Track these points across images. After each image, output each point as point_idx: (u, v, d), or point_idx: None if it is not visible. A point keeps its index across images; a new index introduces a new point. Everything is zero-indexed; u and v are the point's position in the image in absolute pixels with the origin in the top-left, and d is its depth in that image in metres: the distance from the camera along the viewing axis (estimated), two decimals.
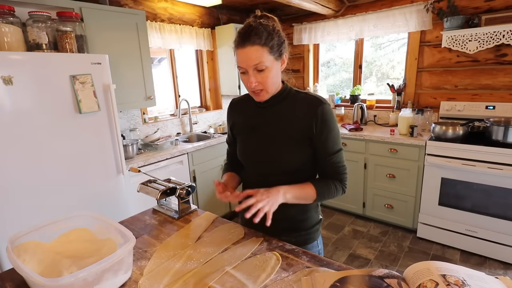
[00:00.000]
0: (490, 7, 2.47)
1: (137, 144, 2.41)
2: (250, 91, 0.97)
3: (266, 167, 1.03)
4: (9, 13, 1.61)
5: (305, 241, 1.09)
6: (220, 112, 3.61)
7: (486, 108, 2.56)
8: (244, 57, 0.89)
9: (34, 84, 1.56)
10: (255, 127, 1.05)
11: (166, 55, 3.15)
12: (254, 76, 0.91)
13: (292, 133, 0.98)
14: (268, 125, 1.02)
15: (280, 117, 1.00)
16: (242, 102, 1.13)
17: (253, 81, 0.92)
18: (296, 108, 0.99)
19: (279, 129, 1.00)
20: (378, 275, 0.73)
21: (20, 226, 1.55)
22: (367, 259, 2.40)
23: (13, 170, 1.53)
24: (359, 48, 3.36)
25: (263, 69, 0.90)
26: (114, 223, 0.92)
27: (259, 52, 0.88)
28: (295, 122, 0.98)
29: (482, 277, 0.66)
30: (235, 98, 1.17)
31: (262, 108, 1.04)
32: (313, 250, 1.10)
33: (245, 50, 0.89)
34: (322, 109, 0.95)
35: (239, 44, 0.90)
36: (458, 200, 2.36)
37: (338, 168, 1.00)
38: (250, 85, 0.92)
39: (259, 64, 0.89)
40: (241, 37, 0.90)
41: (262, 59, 0.89)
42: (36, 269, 0.81)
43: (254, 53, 0.88)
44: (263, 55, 0.89)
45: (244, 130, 1.09)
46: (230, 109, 1.17)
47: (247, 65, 0.90)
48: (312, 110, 0.96)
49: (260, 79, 0.92)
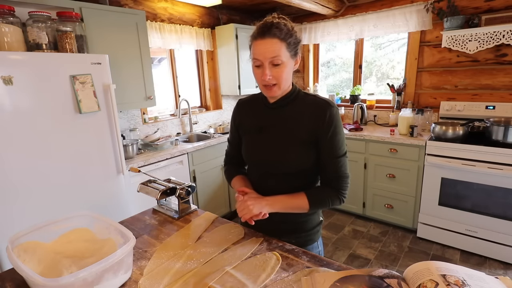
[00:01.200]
0: (490, 7, 2.47)
1: (137, 144, 2.41)
2: (262, 85, 0.97)
3: (269, 167, 1.03)
4: (9, 13, 1.61)
5: (305, 243, 1.09)
6: (220, 112, 3.61)
7: (486, 108, 2.56)
8: (263, 48, 0.90)
9: (34, 84, 1.56)
10: (262, 128, 1.04)
11: (166, 55, 3.14)
12: (269, 69, 0.91)
13: (299, 134, 0.98)
14: (276, 126, 1.02)
15: (288, 119, 1.00)
16: (250, 102, 1.13)
17: (268, 74, 0.91)
18: (304, 110, 0.99)
19: (286, 130, 1.00)
20: (378, 275, 0.73)
21: (20, 226, 1.55)
22: (367, 259, 2.40)
23: (13, 170, 1.53)
24: (359, 48, 3.36)
25: (279, 63, 0.91)
26: (114, 223, 0.92)
27: (278, 46, 0.89)
28: (303, 123, 0.98)
29: (482, 277, 0.66)
30: (242, 98, 1.17)
31: (271, 109, 1.04)
32: (313, 251, 1.09)
33: (264, 42, 0.89)
34: (331, 112, 0.95)
35: (258, 35, 0.91)
36: (458, 200, 2.36)
37: (339, 174, 0.98)
38: (264, 78, 0.92)
39: (276, 57, 0.89)
40: (261, 29, 0.90)
41: (280, 52, 0.89)
42: (36, 269, 0.81)
43: (273, 45, 0.89)
44: (281, 49, 0.90)
45: (250, 131, 1.08)
46: (237, 109, 1.16)
47: (264, 57, 0.90)
48: (320, 112, 0.96)
49: (275, 73, 0.92)
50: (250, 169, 1.15)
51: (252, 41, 0.93)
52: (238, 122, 1.14)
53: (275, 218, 1.01)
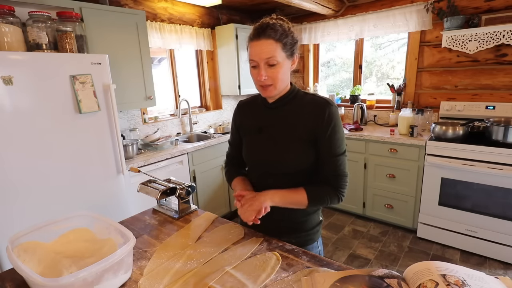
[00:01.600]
0: (490, 7, 2.47)
1: (137, 144, 2.41)
2: (258, 85, 0.98)
3: (269, 167, 1.04)
4: (9, 13, 1.61)
5: (305, 242, 1.09)
6: (220, 112, 3.61)
7: (486, 108, 2.56)
8: (258, 49, 0.91)
9: (34, 84, 1.56)
10: (262, 128, 1.05)
11: (166, 55, 3.14)
12: (265, 70, 0.93)
13: (298, 134, 0.98)
14: (275, 126, 1.03)
15: (287, 118, 1.01)
16: (250, 104, 1.14)
17: (263, 75, 0.93)
18: (303, 109, 0.99)
19: (286, 129, 1.01)
20: (378, 275, 0.73)
21: (20, 226, 1.55)
22: (367, 259, 2.40)
23: (13, 170, 1.53)
24: (359, 48, 3.36)
25: (274, 64, 0.92)
26: (114, 223, 0.92)
27: (273, 47, 0.90)
28: (302, 122, 0.98)
29: (482, 277, 0.66)
30: (243, 100, 1.18)
31: (270, 109, 1.05)
32: (313, 251, 1.10)
33: (259, 43, 0.91)
34: (330, 110, 0.96)
35: (254, 37, 0.92)
36: (458, 200, 2.36)
37: (338, 172, 0.98)
38: (260, 78, 0.93)
39: (271, 58, 0.91)
40: (256, 31, 0.92)
41: (274, 53, 0.90)
42: (36, 269, 0.81)
43: (268, 46, 0.90)
44: (276, 50, 0.91)
45: (250, 131, 1.09)
46: (237, 110, 1.17)
47: (259, 58, 0.91)
48: (319, 110, 0.97)
49: (270, 73, 0.93)
50: (250, 169, 1.15)
51: (249, 42, 0.95)
52: (239, 124, 1.15)
53: (275, 217, 1.02)
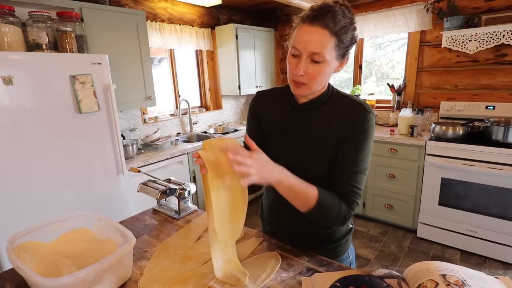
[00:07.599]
0: (490, 7, 2.47)
1: (137, 144, 2.41)
2: (291, 79, 0.82)
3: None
4: (9, 13, 1.61)
5: (335, 254, 0.99)
6: (220, 112, 3.61)
7: (486, 108, 2.56)
8: (307, 38, 0.75)
9: (34, 84, 1.56)
10: (287, 131, 0.91)
11: (166, 55, 3.15)
12: (306, 64, 0.77)
13: (329, 141, 0.85)
14: (304, 130, 0.88)
15: (319, 122, 0.87)
16: (272, 97, 0.97)
17: (301, 69, 0.77)
18: (337, 112, 0.85)
19: (316, 135, 0.87)
20: (378, 275, 0.73)
21: (20, 226, 1.54)
22: (367, 259, 2.40)
23: (13, 170, 1.53)
24: (359, 48, 3.35)
25: (319, 61, 0.76)
26: (114, 223, 0.92)
27: (326, 40, 0.74)
28: (335, 127, 0.85)
29: (482, 277, 0.66)
30: (262, 90, 1.01)
31: (299, 110, 0.90)
32: (344, 262, 1.01)
33: (311, 30, 0.74)
34: (365, 117, 0.82)
35: (307, 19, 0.75)
36: (458, 200, 2.36)
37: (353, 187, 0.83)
38: (297, 72, 0.78)
39: (318, 54, 0.75)
40: (313, 13, 0.75)
41: (324, 49, 0.75)
42: (36, 269, 0.81)
43: (319, 38, 0.74)
44: (328, 45, 0.75)
45: (271, 132, 0.95)
46: (257, 102, 0.99)
47: (303, 48, 0.76)
48: (355, 115, 0.83)
49: (311, 71, 0.78)
50: None
51: (299, 23, 0.77)
52: (258, 117, 0.98)
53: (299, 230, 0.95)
